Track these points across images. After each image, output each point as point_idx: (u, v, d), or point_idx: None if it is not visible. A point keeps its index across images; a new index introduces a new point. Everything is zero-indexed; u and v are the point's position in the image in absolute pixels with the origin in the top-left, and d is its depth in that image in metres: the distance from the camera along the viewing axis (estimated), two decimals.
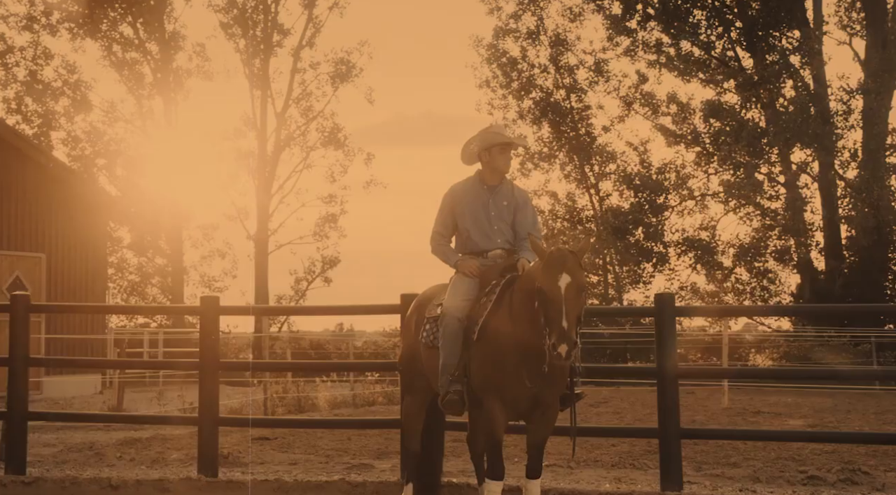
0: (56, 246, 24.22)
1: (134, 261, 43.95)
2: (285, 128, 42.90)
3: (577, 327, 5.92)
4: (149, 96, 42.49)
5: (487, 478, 6.37)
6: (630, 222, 37.49)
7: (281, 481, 7.71)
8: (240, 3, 42.11)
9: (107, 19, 41.17)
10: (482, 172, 6.97)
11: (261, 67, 42.47)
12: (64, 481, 7.76)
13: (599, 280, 40.09)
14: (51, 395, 22.36)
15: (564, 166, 41.58)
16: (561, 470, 10.52)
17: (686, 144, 38.37)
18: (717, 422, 16.27)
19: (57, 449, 12.26)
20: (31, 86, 41.87)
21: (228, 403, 20.14)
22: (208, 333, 8.43)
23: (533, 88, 41.19)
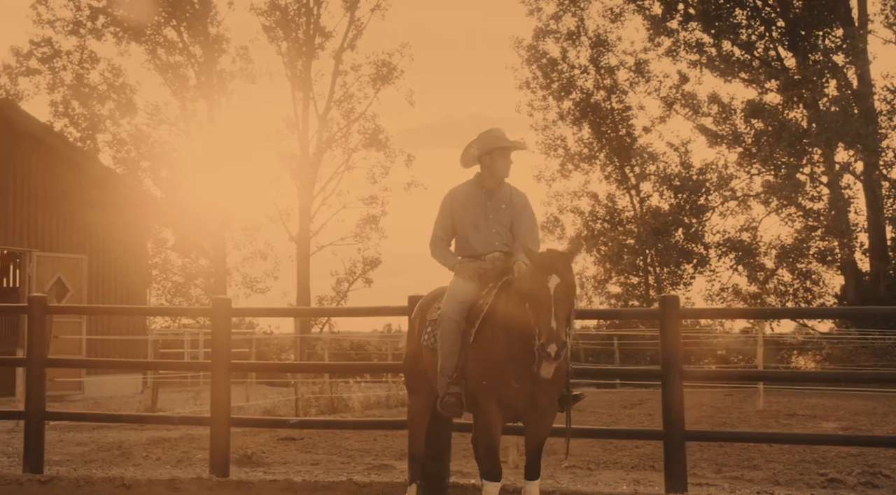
0: (97, 247, 24.55)
1: (178, 262, 44.38)
2: (327, 130, 43.06)
3: (566, 328, 5.96)
4: (192, 99, 42.87)
5: (484, 480, 6.41)
6: (670, 223, 37.30)
7: (290, 481, 7.80)
8: (282, 5, 42.35)
9: (151, 23, 41.58)
10: (481, 176, 7.01)
11: (303, 69, 42.68)
12: (79, 480, 7.90)
13: (640, 281, 39.95)
14: (92, 395, 22.67)
15: (605, 167, 41.48)
16: (581, 472, 10.56)
17: (727, 145, 38.12)
18: (748, 425, 16.18)
19: (88, 449, 12.47)
20: (77, 89, 42.44)
21: (262, 403, 20.35)
22: (219, 334, 8.53)
23: (573, 89, 41.15)
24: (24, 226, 23.26)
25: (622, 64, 41.33)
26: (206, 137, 42.56)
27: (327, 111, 43.06)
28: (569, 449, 6.89)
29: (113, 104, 42.75)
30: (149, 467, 10.41)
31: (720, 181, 38.56)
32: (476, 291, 6.65)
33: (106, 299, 24.10)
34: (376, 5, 43.29)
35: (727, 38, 37.00)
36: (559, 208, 42.15)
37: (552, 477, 10.07)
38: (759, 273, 37.35)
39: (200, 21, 42.14)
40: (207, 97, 42.38)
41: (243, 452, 11.29)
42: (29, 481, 7.87)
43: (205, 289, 43.05)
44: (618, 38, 41.44)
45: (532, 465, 6.59)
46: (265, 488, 7.58)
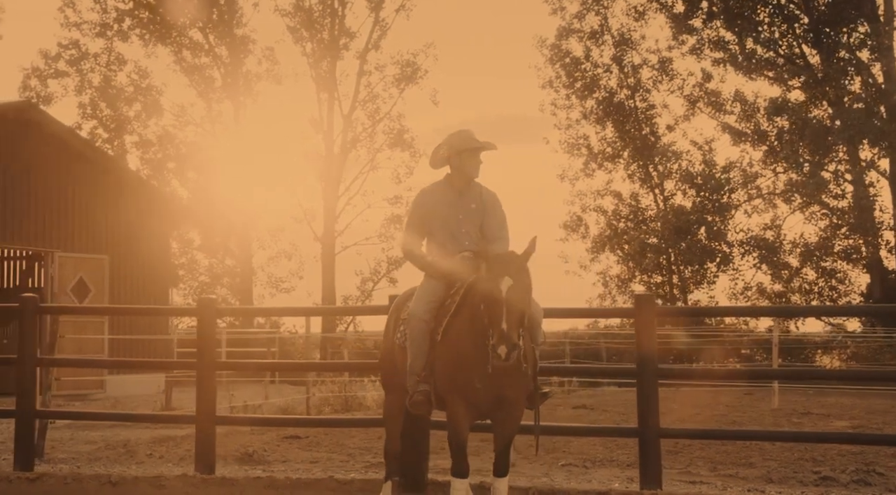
0: (120, 248, 24.80)
1: (205, 262, 44.75)
2: (351, 131, 43.23)
3: (518, 329, 6.01)
4: (218, 100, 43.19)
5: (452, 476, 6.50)
6: (693, 222, 37.20)
7: (272, 478, 7.91)
8: (306, 6, 42.55)
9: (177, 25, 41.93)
10: (451, 176, 7.09)
11: (327, 70, 42.86)
12: (66, 477, 8.04)
13: (664, 280, 39.86)
14: (113, 394, 22.89)
15: (628, 166, 41.43)
16: (576, 470, 10.60)
17: (751, 143, 37.96)
18: (758, 423, 16.15)
19: (96, 447, 12.65)
20: (104, 91, 42.89)
21: (278, 402, 20.49)
22: (205, 334, 8.66)
23: (596, 88, 41.13)
24: (46, 227, 23.55)
25: (645, 62, 41.29)
26: (232, 138, 42.86)
27: (352, 111, 43.24)
28: (538, 447, 6.95)
29: (140, 106, 43.17)
30: (151, 465, 10.57)
31: (745, 179, 38.42)
32: (445, 291, 6.74)
33: (128, 299, 24.34)
34: (401, 5, 43.47)
35: (750, 35, 36.84)
36: (582, 207, 42.17)
37: (547, 475, 10.13)
38: (784, 271, 37.18)
39: (226, 22, 42.45)
40: (233, 98, 42.70)
41: (245, 450, 11.43)
42: (18, 478, 8.03)
43: (231, 289, 43.41)
44: (641, 37, 41.41)
45: (500, 462, 6.66)
46: (248, 485, 7.69)
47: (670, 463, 10.88)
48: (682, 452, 11.62)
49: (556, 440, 12.39)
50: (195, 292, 43.69)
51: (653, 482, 7.94)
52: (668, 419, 17.15)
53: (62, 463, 10.98)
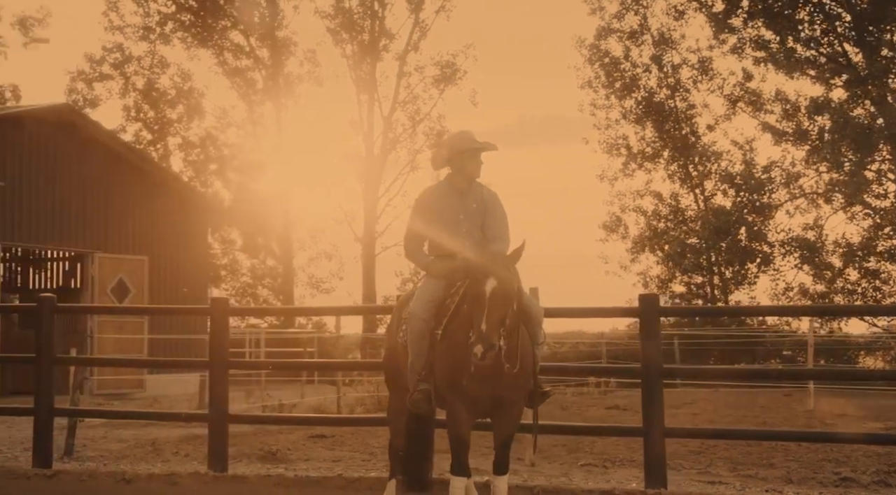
0: (159, 249, 25.10)
1: (247, 263, 45.16)
2: (391, 132, 43.37)
3: (500, 330, 6.05)
4: (260, 102, 43.52)
5: (451, 474, 6.54)
6: (733, 222, 36.93)
7: (282, 476, 8.02)
8: (346, 8, 42.74)
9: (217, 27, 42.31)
10: (452, 177, 7.13)
11: (367, 72, 43.01)
12: (82, 474, 8.19)
13: (704, 281, 39.62)
14: (153, 393, 23.12)
15: (668, 165, 41.21)
16: (595, 470, 10.62)
17: (792, 142, 37.60)
18: (789, 424, 16.05)
19: (126, 445, 12.83)
20: (147, 94, 43.42)
21: (311, 401, 20.64)
22: (218, 332, 8.78)
23: (636, 88, 40.95)
24: (88, 228, 23.90)
25: (685, 62, 41.04)
26: (273, 140, 43.19)
27: (392, 113, 43.36)
28: (536, 446, 6.98)
29: (182, 108, 43.66)
30: (177, 463, 10.70)
31: (787, 179, 38.09)
32: (445, 290, 6.79)
33: (167, 299, 24.61)
34: (441, 6, 43.51)
35: (790, 34, 36.49)
36: (621, 207, 41.98)
37: (566, 475, 10.15)
38: (826, 272, 36.79)
39: (267, 25, 42.77)
40: (274, 100, 43.02)
41: (268, 449, 11.54)
42: (36, 475, 8.19)
43: (272, 289, 43.74)
44: (681, 36, 41.14)
45: (500, 460, 6.69)
46: (259, 483, 7.79)
47: (691, 464, 10.87)
48: (705, 452, 11.59)
49: (580, 440, 12.40)
50: (237, 292, 44.10)
51: (657, 481, 7.94)
52: (701, 419, 17.17)
53: (91, 460, 11.16)
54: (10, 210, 22.36)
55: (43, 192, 22.98)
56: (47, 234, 23.34)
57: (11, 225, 22.43)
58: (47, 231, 23.26)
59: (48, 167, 23.19)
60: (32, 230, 22.97)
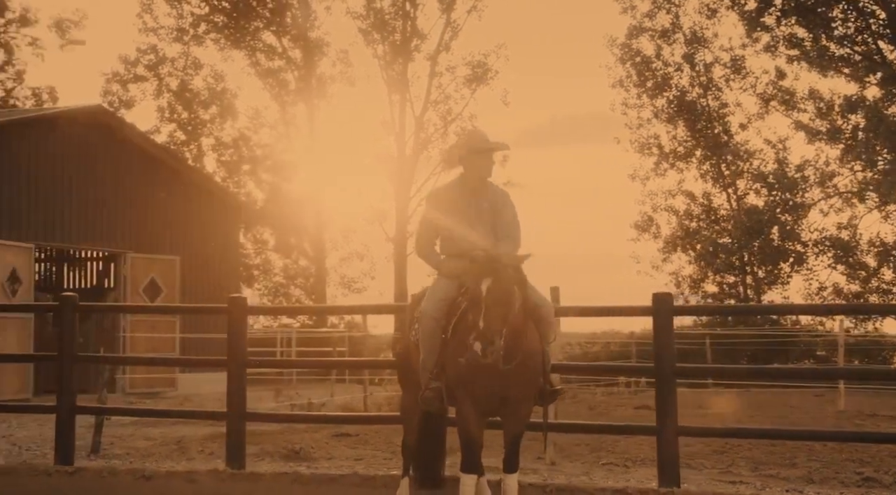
0: (190, 249, 25.28)
1: (280, 263, 45.39)
2: (423, 132, 43.39)
3: (500, 329, 6.10)
4: (292, 103, 43.72)
5: (461, 472, 6.59)
6: (765, 222, 36.73)
7: (298, 474, 8.09)
8: (377, 8, 42.82)
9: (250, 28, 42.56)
10: (464, 176, 7.16)
11: (399, 72, 43.07)
12: (102, 471, 8.31)
13: (736, 281, 39.45)
14: (184, 392, 23.27)
15: (700, 165, 41.07)
16: (617, 469, 10.60)
17: (826, 141, 37.34)
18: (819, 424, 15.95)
19: (152, 443, 12.95)
20: (181, 95, 43.76)
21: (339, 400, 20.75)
22: (235, 331, 8.86)
23: (668, 87, 40.84)
24: (120, 229, 24.12)
25: (717, 60, 40.90)
26: (305, 140, 43.37)
27: (424, 112, 43.36)
28: (546, 444, 7.00)
29: (215, 109, 43.97)
30: (201, 460, 10.80)
31: (821, 178, 37.87)
32: (456, 289, 6.82)
33: (198, 299, 24.75)
34: (472, 6, 43.41)
35: (824, 32, 36.25)
36: (653, 207, 41.90)
37: (587, 474, 10.15)
38: (860, 272, 36.53)
39: (299, 26, 42.97)
40: (306, 101, 43.18)
41: (292, 447, 11.61)
42: (57, 472, 8.31)
43: (304, 289, 43.94)
44: (714, 35, 41.05)
45: (510, 458, 6.73)
46: (275, 480, 7.87)
47: (713, 463, 10.85)
48: (727, 452, 11.56)
49: (603, 439, 12.40)
50: (269, 292, 44.39)
51: (671, 480, 7.93)
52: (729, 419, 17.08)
53: (117, 458, 11.28)
54: (45, 211, 22.59)
55: (76, 193, 23.22)
56: (81, 235, 23.58)
57: (45, 225, 22.66)
58: (81, 231, 23.49)
59: (82, 168, 23.42)
60: (66, 230, 23.21)
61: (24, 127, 23.03)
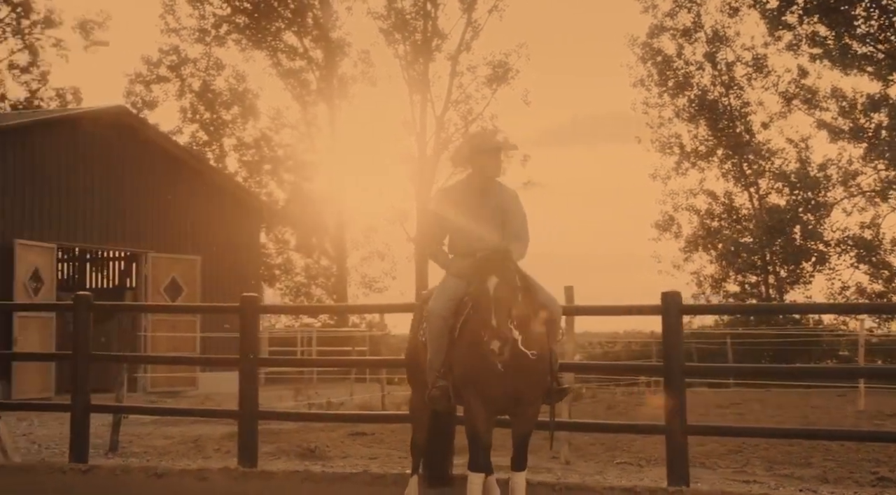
0: (211, 248, 25.42)
1: (301, 262, 45.52)
2: (444, 132, 43.42)
3: (510, 324, 6.11)
4: (313, 103, 43.83)
5: (469, 470, 6.61)
6: (787, 221, 36.57)
7: (309, 472, 8.14)
8: (398, 8, 42.87)
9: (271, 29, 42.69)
10: (472, 175, 7.18)
11: (420, 72, 43.11)
12: (116, 469, 8.38)
13: (758, 280, 39.28)
14: (206, 391, 23.40)
15: (722, 164, 40.93)
16: (631, 468, 10.63)
17: (848, 140, 37.15)
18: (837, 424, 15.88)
19: (170, 442, 13.06)
20: (203, 95, 43.97)
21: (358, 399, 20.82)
22: (247, 330, 8.92)
23: (689, 86, 40.73)
24: (142, 228, 24.28)
25: (739, 59, 40.76)
26: (326, 140, 43.49)
27: (444, 112, 43.39)
28: (553, 443, 7.02)
29: (237, 109, 44.15)
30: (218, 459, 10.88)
31: (844, 177, 37.68)
32: (464, 289, 6.83)
33: (219, 298, 24.86)
34: (494, 6, 43.41)
35: (846, 30, 36.04)
36: (674, 206, 41.78)
37: (601, 473, 10.16)
38: (883, 271, 36.32)
39: (321, 26, 43.07)
40: (328, 101, 43.27)
41: (307, 446, 11.68)
42: (71, 470, 8.40)
43: (325, 288, 44.06)
44: (736, 34, 40.90)
45: (517, 457, 6.74)
46: (286, 478, 7.92)
47: (727, 463, 10.84)
48: (743, 451, 11.54)
49: (618, 439, 12.40)
50: (291, 292, 44.54)
51: (680, 479, 7.93)
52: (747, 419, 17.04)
53: (134, 456, 11.38)
54: (67, 211, 22.78)
55: (98, 193, 23.39)
56: (103, 235, 23.76)
57: (67, 226, 22.84)
58: (103, 231, 23.67)
59: (104, 168, 23.59)
60: (88, 230, 23.39)
61: (47, 128, 23.23)
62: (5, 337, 20.31)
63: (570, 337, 10.59)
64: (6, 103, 44.35)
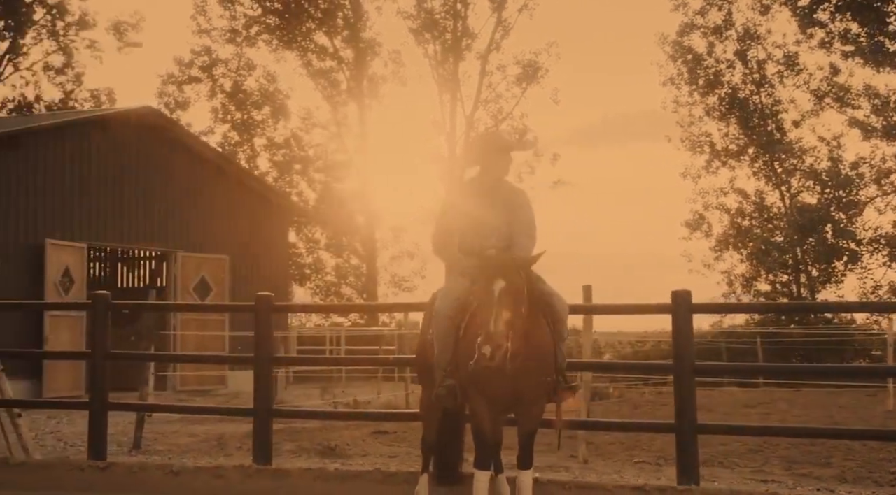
0: (240, 248, 25.55)
1: (331, 261, 45.70)
2: (474, 131, 43.38)
3: (508, 331, 6.12)
4: (343, 103, 44.01)
5: (474, 468, 6.64)
6: (818, 220, 36.34)
7: (323, 470, 8.20)
8: (428, 8, 42.94)
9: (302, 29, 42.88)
10: (481, 175, 7.20)
11: (450, 71, 43.16)
12: (133, 467, 8.49)
13: (790, 279, 39.04)
14: (235, 389, 23.57)
15: (753, 162, 40.71)
16: (649, 467, 10.62)
17: (882, 137, 36.86)
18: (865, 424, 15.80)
19: (194, 440, 13.19)
20: (234, 96, 44.27)
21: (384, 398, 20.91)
22: (261, 329, 9.01)
23: (719, 84, 40.53)
24: (171, 228, 24.45)
25: (770, 57, 40.53)
26: (356, 140, 43.62)
27: (474, 111, 43.40)
28: (560, 442, 7.04)
29: (268, 110, 44.41)
30: (239, 457, 10.98)
31: (877, 175, 37.41)
32: (469, 287, 6.85)
33: (247, 297, 24.84)
34: (524, 5, 43.39)
35: (878, 27, 35.75)
36: (704, 205, 41.60)
37: (618, 472, 10.17)
38: None
39: (351, 26, 43.23)
40: (358, 100, 43.44)
41: (328, 444, 11.77)
42: (90, 467, 8.51)
43: (355, 288, 44.22)
44: (767, 31, 40.68)
45: (523, 455, 6.76)
46: (300, 476, 7.99)
47: (746, 462, 10.82)
48: (763, 451, 11.52)
49: (639, 438, 12.41)
50: (321, 291, 44.72)
51: (689, 478, 7.92)
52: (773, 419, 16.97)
53: (157, 454, 11.50)
54: (97, 211, 22.98)
55: (128, 193, 23.58)
56: (132, 234, 23.94)
57: (98, 225, 23.04)
58: (132, 231, 23.86)
59: (133, 168, 23.77)
60: (118, 230, 23.57)
61: (77, 128, 23.46)
62: (37, 335, 20.53)
63: (586, 336, 10.60)
64: (41, 104, 44.83)
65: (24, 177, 21.52)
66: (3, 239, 20.95)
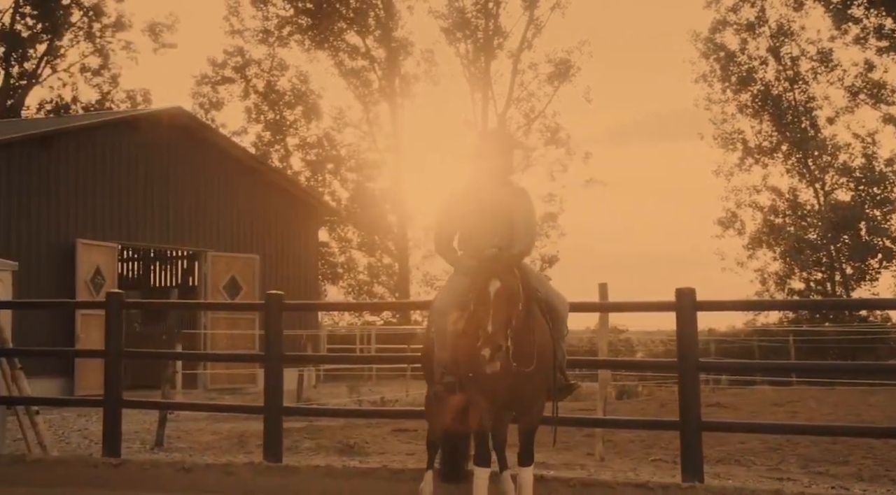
0: (270, 247, 25.73)
1: (363, 261, 45.83)
2: (505, 130, 43.38)
3: (506, 331, 6.13)
4: (375, 102, 44.14)
5: (474, 465, 6.67)
6: (852, 217, 36.05)
7: (331, 467, 8.26)
8: (459, 6, 42.98)
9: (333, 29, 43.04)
10: (483, 174, 7.23)
11: (482, 70, 43.19)
12: (145, 464, 8.59)
13: (824, 277, 38.76)
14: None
15: (786, 160, 40.43)
16: (665, 466, 10.60)
17: None
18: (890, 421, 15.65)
19: (217, 438, 13.29)
20: (267, 96, 44.52)
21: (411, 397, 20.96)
22: (273, 327, 9.08)
23: (752, 81, 40.29)
24: (202, 228, 24.64)
25: (804, 53, 40.23)
26: (388, 139, 43.73)
27: (506, 110, 43.38)
28: (555, 439, 7.05)
29: (300, 109, 44.61)
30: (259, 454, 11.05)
31: None
32: (469, 286, 6.87)
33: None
34: (556, 3, 43.38)
35: None
36: (737, 203, 41.36)
37: (634, 470, 10.15)
38: None
39: (383, 26, 43.35)
40: (390, 100, 43.55)
41: (347, 442, 11.83)
42: (103, 464, 8.62)
43: (387, 287, 44.32)
44: (801, 27, 40.38)
45: (523, 451, 6.78)
46: (309, 473, 8.06)
47: (763, 460, 10.77)
48: (781, 449, 11.44)
49: (658, 436, 12.35)
50: (354, 290, 44.88)
51: (693, 475, 7.91)
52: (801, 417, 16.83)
53: (178, 451, 11.61)
54: (128, 211, 23.19)
55: (159, 193, 23.79)
56: (163, 234, 24.14)
57: (129, 225, 23.25)
58: (163, 231, 24.05)
59: (164, 168, 23.98)
60: (149, 230, 23.77)
61: (109, 129, 23.67)
62: (69, 334, 20.77)
63: (602, 333, 10.60)
64: (78, 106, 45.37)
65: (55, 177, 21.76)
66: (36, 238, 21.20)
